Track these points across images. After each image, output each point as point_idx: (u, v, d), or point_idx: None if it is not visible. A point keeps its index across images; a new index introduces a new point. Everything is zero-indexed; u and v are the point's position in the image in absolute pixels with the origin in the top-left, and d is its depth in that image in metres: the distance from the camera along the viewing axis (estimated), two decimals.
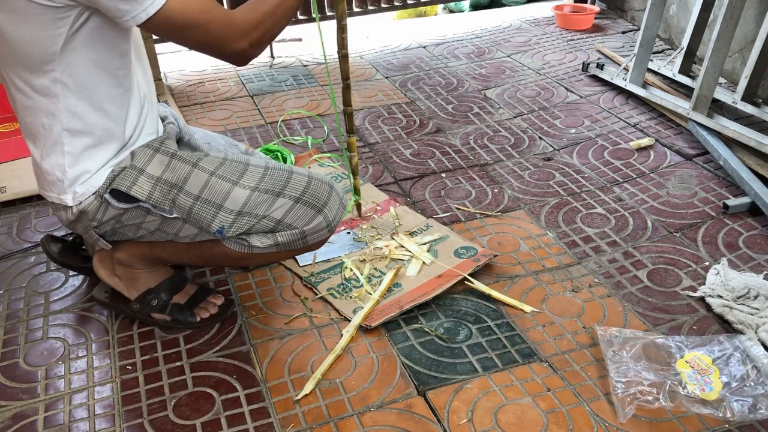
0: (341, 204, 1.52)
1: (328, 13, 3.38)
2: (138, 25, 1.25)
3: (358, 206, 1.99)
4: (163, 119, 1.61)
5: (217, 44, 1.29)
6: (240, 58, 1.33)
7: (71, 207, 1.42)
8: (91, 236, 1.49)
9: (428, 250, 1.85)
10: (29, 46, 1.25)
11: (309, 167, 2.29)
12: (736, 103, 2.42)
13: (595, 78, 2.92)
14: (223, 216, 1.43)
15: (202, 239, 1.50)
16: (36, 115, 1.35)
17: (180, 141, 1.60)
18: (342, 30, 1.77)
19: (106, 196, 1.40)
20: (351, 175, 1.94)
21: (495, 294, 1.70)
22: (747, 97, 2.38)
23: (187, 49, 1.26)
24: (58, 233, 1.89)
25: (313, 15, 3.31)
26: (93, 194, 1.40)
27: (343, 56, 1.78)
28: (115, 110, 1.39)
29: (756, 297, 1.63)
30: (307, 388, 1.45)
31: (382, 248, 1.87)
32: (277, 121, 2.63)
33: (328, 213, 1.48)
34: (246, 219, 1.44)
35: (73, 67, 1.30)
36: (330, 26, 1.85)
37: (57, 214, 1.48)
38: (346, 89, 1.81)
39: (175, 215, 1.43)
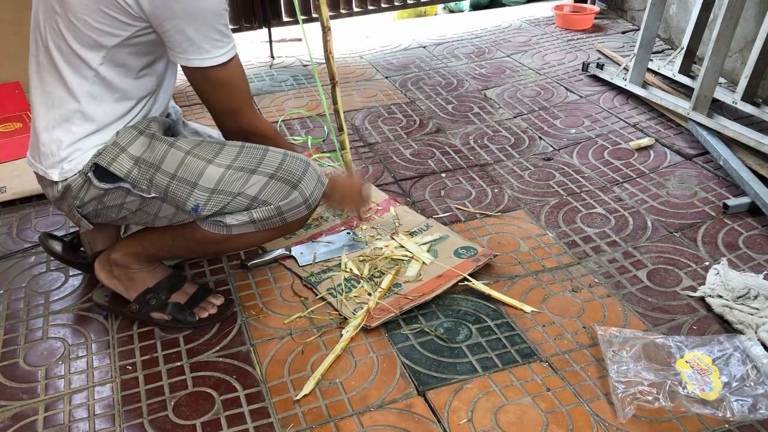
0: (319, 180, 1.52)
1: (329, 13, 3.38)
2: (184, 66, 1.35)
3: None
4: (167, 115, 1.63)
5: (230, 111, 1.46)
6: (230, 131, 1.52)
7: (57, 183, 1.43)
8: (74, 215, 1.50)
9: (428, 250, 1.85)
10: (87, 30, 1.30)
11: None
12: (736, 103, 2.42)
13: (595, 78, 2.92)
14: (198, 194, 1.43)
15: (181, 220, 1.50)
16: (58, 87, 1.38)
17: (173, 135, 1.61)
18: (326, 33, 1.77)
19: (90, 174, 1.42)
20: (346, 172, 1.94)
21: (495, 294, 1.70)
22: (747, 97, 2.38)
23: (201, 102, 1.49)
24: (57, 233, 1.88)
25: (310, 16, 3.33)
26: (78, 172, 1.42)
27: (328, 58, 1.80)
28: (133, 105, 1.45)
29: (756, 297, 1.63)
30: (307, 388, 1.45)
31: (382, 248, 1.87)
32: (277, 121, 2.63)
33: (304, 188, 1.48)
34: (221, 197, 1.44)
35: (114, 62, 1.36)
36: (331, 25, 1.84)
37: (45, 191, 1.51)
38: (333, 89, 1.83)
39: (153, 195, 1.44)
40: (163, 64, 1.46)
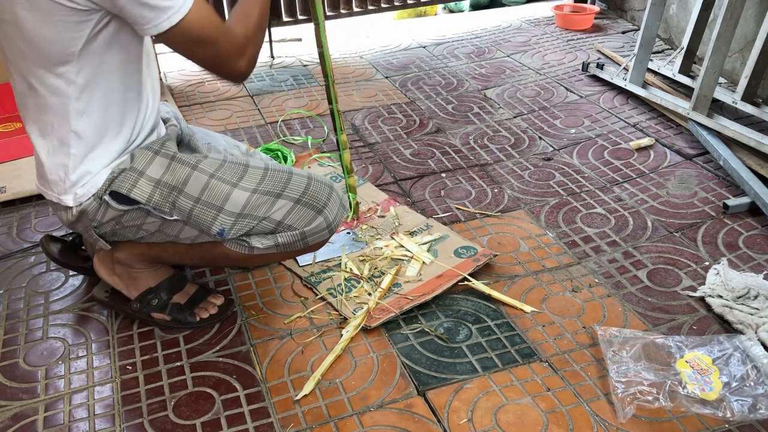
0: (341, 205, 1.53)
1: (329, 13, 3.38)
2: (156, 35, 1.27)
3: (356, 206, 1.98)
4: (165, 121, 1.61)
5: (222, 62, 1.34)
6: (239, 76, 1.38)
7: (72, 208, 1.42)
8: (91, 236, 1.50)
9: (428, 250, 1.85)
10: (49, 44, 1.27)
11: (309, 167, 2.29)
12: (736, 103, 2.42)
13: (595, 78, 2.92)
14: (224, 218, 1.43)
15: (203, 241, 1.50)
16: (45, 113, 1.36)
17: (180, 142, 1.60)
18: (323, 28, 1.75)
19: (106, 197, 1.41)
20: (345, 173, 1.94)
21: (495, 294, 1.70)
22: (747, 97, 2.38)
23: (192, 62, 1.36)
24: (58, 233, 1.89)
25: (310, 16, 3.33)
26: (93, 195, 1.40)
27: (322, 54, 1.77)
28: (122, 113, 1.41)
29: (756, 297, 1.63)
30: (307, 388, 1.45)
31: (382, 248, 1.87)
32: (277, 121, 2.63)
33: (328, 214, 1.49)
34: (246, 221, 1.44)
35: (88, 69, 1.32)
36: (331, 25, 1.83)
37: (57, 214, 1.49)
38: (331, 86, 1.81)
39: (175, 217, 1.43)
40: (136, 64, 1.40)
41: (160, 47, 3.12)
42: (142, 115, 1.45)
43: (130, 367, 1.54)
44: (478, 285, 1.72)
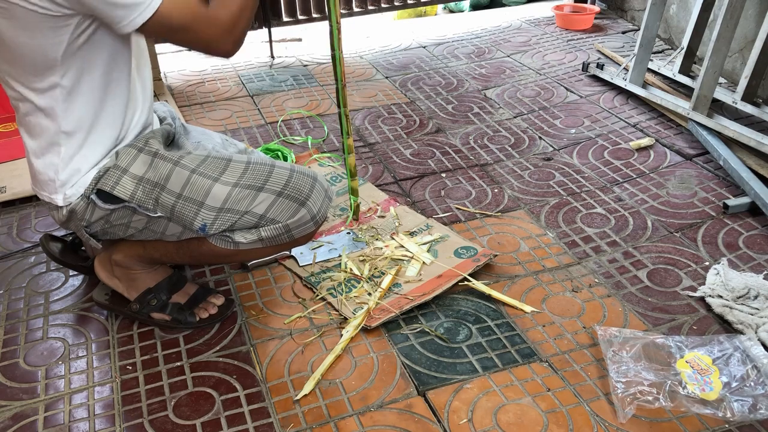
0: (326, 196, 1.51)
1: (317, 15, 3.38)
2: (135, 30, 1.26)
3: (357, 208, 1.98)
4: (162, 120, 1.61)
5: (206, 45, 1.34)
6: (226, 54, 1.38)
7: (62, 207, 1.43)
8: (82, 235, 1.50)
9: (428, 250, 1.85)
10: (30, 52, 1.27)
11: (309, 167, 2.29)
12: (736, 103, 2.42)
13: (595, 78, 2.92)
14: (205, 213, 1.42)
15: (188, 237, 1.50)
16: (34, 115, 1.36)
17: (172, 141, 1.60)
18: (338, 31, 1.74)
19: (93, 197, 1.41)
20: (348, 177, 1.94)
21: (495, 294, 1.70)
22: (747, 97, 2.38)
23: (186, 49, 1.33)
24: (58, 233, 1.88)
25: (310, 16, 3.33)
26: (81, 195, 1.41)
27: (335, 57, 1.76)
28: (111, 113, 1.41)
29: (756, 297, 1.63)
30: (307, 388, 1.45)
31: (382, 248, 1.87)
32: (277, 121, 2.63)
33: (311, 206, 1.47)
34: (228, 215, 1.43)
35: (73, 72, 1.32)
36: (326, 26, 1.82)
37: (50, 214, 1.51)
38: (340, 91, 1.81)
39: (159, 214, 1.43)
40: (123, 64, 1.40)
41: (159, 47, 3.12)
42: (131, 113, 1.46)
43: (130, 367, 1.54)
44: (478, 285, 1.72)
